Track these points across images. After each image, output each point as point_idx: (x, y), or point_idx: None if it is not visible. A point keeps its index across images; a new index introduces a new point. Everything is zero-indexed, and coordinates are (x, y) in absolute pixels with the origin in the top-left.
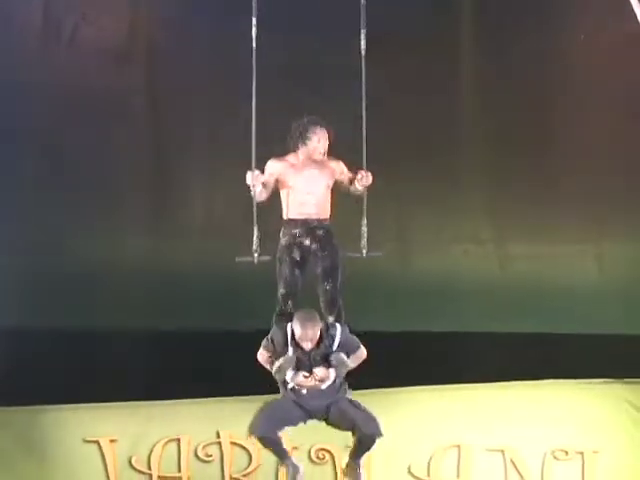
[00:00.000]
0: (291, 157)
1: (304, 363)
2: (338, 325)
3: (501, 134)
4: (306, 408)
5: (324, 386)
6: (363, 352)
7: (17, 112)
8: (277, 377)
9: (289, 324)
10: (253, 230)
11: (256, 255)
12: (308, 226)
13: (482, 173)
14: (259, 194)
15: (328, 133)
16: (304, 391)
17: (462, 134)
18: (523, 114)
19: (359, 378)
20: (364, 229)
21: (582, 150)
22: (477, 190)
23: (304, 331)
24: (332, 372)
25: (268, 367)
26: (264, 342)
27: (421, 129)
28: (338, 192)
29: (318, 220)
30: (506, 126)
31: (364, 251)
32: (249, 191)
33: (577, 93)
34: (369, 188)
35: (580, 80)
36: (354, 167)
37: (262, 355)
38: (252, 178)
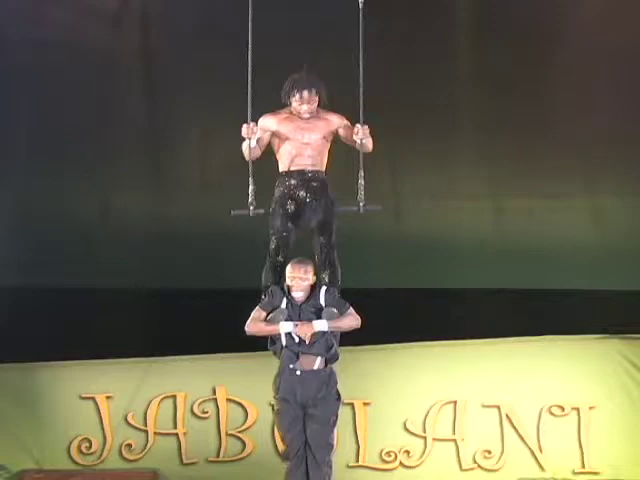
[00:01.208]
0: (285, 111)
1: (294, 318)
2: (323, 286)
3: (496, 90)
4: (298, 401)
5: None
6: (356, 317)
7: (13, 72)
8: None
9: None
10: (248, 183)
11: (251, 208)
12: (303, 177)
13: (477, 128)
14: (253, 150)
15: (318, 90)
16: (298, 372)
17: (458, 89)
18: (519, 68)
19: (355, 334)
20: (361, 182)
21: (578, 104)
22: (472, 145)
23: (294, 270)
24: (323, 323)
25: (259, 331)
26: (263, 300)
27: (417, 84)
28: (336, 147)
29: (314, 171)
30: (502, 81)
31: (361, 205)
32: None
33: (573, 42)
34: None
35: (576, 28)
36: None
37: (254, 321)
38: (247, 130)
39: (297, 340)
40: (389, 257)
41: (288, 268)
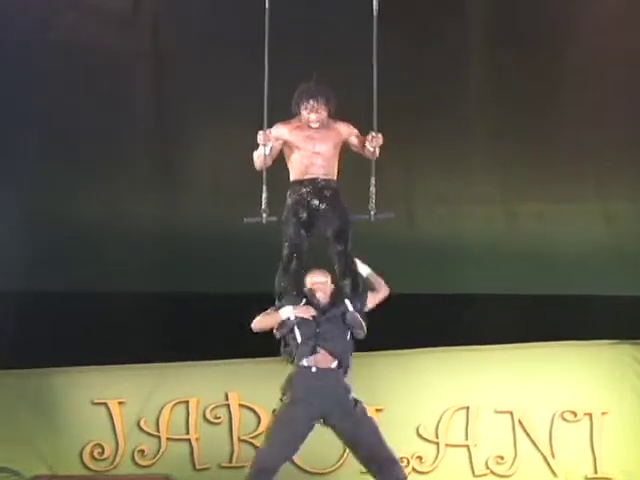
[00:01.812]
0: (296, 120)
1: (318, 327)
2: (346, 301)
3: (509, 95)
4: (313, 403)
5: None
6: (374, 295)
7: (20, 74)
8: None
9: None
10: (262, 191)
11: (264, 215)
12: (316, 186)
13: (489, 134)
14: (266, 158)
15: (327, 99)
16: (314, 369)
17: (470, 95)
18: (531, 74)
19: (367, 340)
20: (372, 190)
21: (589, 109)
22: (484, 151)
23: (313, 276)
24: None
25: (263, 320)
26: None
27: (429, 90)
28: (346, 154)
29: (326, 180)
30: (514, 87)
31: (372, 213)
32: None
33: (585, 47)
34: (381, 151)
35: (588, 34)
36: (363, 128)
37: (262, 316)
38: (263, 137)
39: (315, 331)
40: (402, 262)
41: (307, 277)
